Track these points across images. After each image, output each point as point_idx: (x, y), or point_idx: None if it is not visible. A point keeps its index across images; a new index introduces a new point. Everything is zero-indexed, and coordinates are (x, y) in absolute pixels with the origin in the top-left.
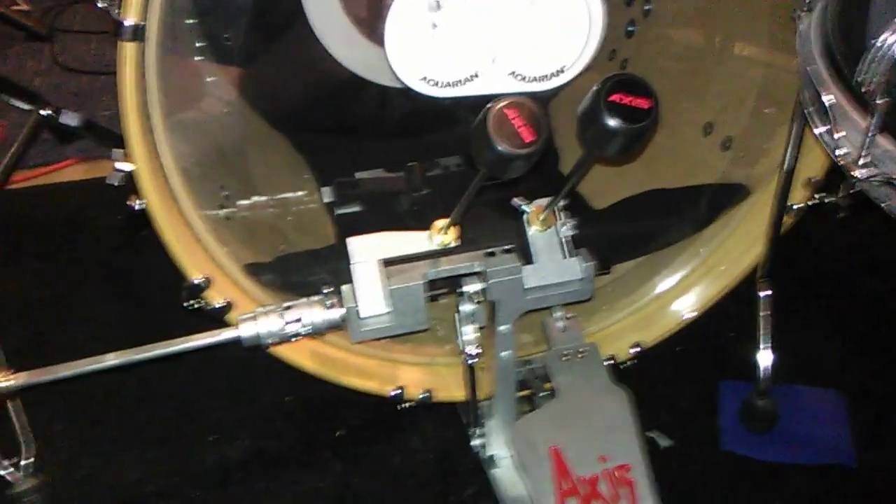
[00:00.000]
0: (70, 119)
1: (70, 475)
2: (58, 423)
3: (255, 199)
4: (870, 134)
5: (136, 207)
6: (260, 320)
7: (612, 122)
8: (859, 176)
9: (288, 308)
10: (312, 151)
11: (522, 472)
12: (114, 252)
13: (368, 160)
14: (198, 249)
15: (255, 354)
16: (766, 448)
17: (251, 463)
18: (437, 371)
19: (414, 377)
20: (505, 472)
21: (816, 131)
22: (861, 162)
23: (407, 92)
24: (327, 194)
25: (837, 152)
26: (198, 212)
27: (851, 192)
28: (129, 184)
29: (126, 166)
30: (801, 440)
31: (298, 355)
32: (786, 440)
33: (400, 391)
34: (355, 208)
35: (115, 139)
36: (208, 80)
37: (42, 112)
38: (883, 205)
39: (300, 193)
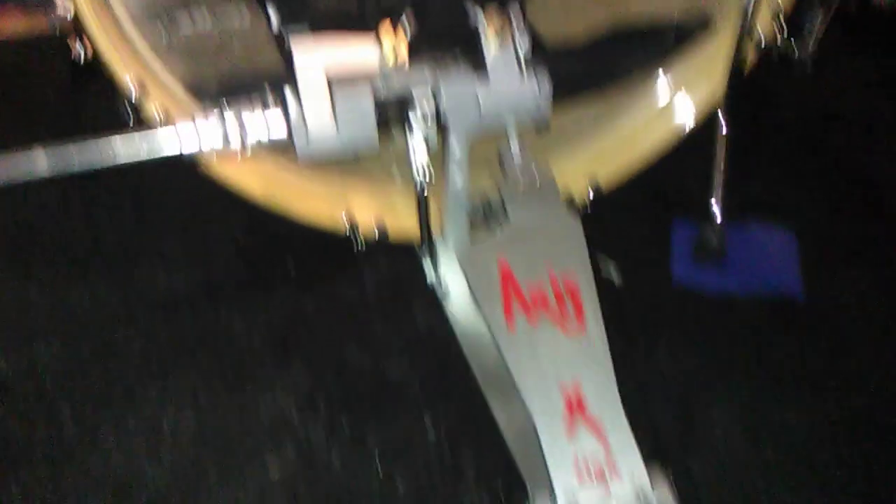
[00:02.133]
0: None
1: (17, 303)
2: (1, 258)
3: (197, 22)
4: None
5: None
6: (200, 125)
7: None
8: None
9: (228, 109)
10: None
11: (472, 289)
12: (56, 100)
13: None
14: (134, 60)
15: (202, 197)
16: (714, 280)
17: (200, 294)
18: (391, 207)
19: (368, 213)
20: (457, 300)
21: None
22: None
23: None
24: (273, 14)
25: None
26: (134, 24)
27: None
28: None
29: None
30: (750, 274)
31: (249, 190)
32: (735, 273)
33: (354, 227)
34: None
35: None
36: None
37: None
38: None
39: (244, 15)
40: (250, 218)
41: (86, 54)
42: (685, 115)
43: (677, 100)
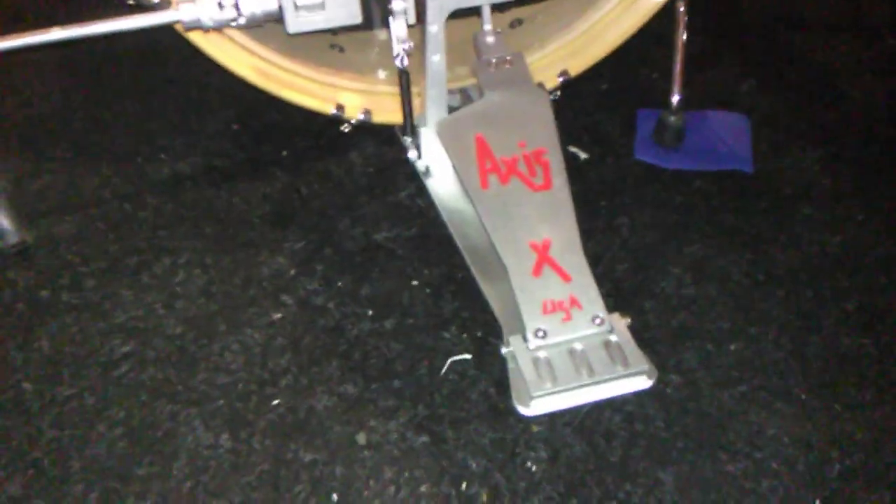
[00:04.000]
0: None
1: (27, 186)
2: (11, 147)
3: None
4: None
5: None
6: (198, 2)
7: None
8: None
9: None
10: None
11: (450, 157)
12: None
13: None
14: None
15: (199, 90)
16: (673, 158)
17: (202, 176)
18: (376, 95)
19: (354, 100)
20: (437, 178)
21: None
22: None
23: None
24: None
25: None
26: None
27: None
28: None
29: None
30: (705, 151)
31: (243, 70)
32: (692, 152)
33: (340, 110)
34: None
35: None
36: None
37: None
38: None
39: None
40: (245, 109)
41: None
42: (648, 5)
43: None
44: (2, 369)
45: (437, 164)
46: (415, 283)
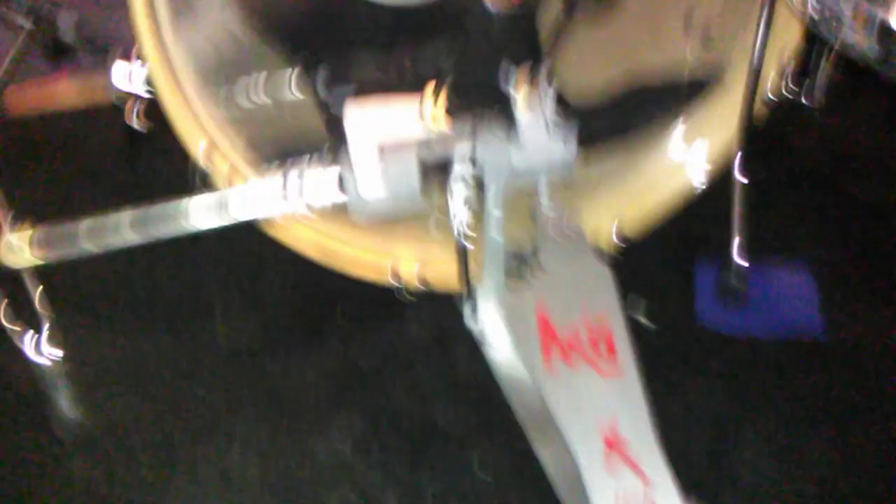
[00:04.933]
0: (66, 19)
1: (85, 355)
2: (72, 310)
3: (254, 97)
4: None
5: (145, 94)
6: (260, 189)
7: None
8: (815, 17)
9: (288, 175)
10: (305, 61)
11: (512, 338)
12: (116, 166)
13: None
14: (198, 129)
15: (259, 248)
16: (739, 324)
17: (258, 347)
18: (433, 263)
19: (412, 267)
20: (497, 346)
21: None
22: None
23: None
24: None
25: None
26: (203, 103)
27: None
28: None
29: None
30: (772, 316)
31: (303, 247)
32: (758, 316)
33: (399, 280)
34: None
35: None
36: None
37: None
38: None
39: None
40: (301, 272)
41: (142, 124)
42: (702, 164)
43: (694, 150)
44: None
45: (496, 333)
46: (476, 466)
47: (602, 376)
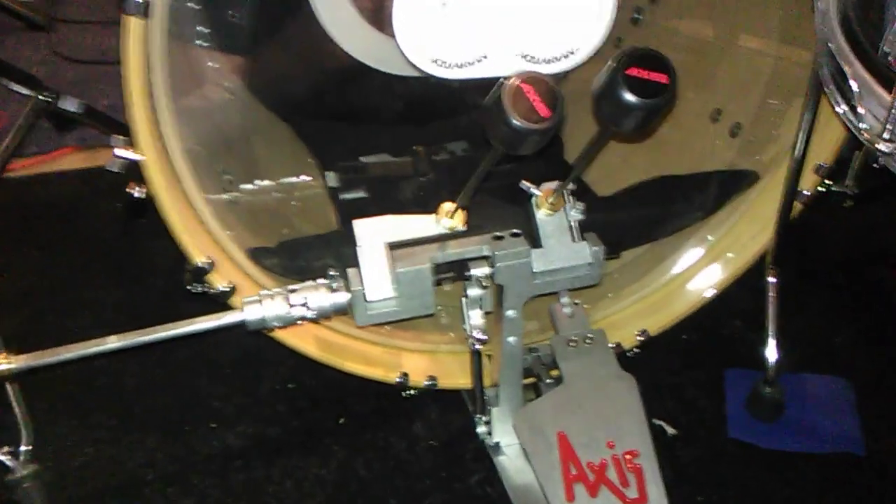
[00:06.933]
0: (70, 104)
1: (69, 461)
2: (58, 410)
3: (259, 183)
4: (894, 108)
5: (136, 195)
6: (265, 303)
7: (630, 97)
8: (885, 150)
9: (293, 291)
10: (316, 139)
11: (529, 458)
12: (114, 239)
13: (373, 147)
14: (201, 232)
15: (255, 340)
16: (773, 436)
17: (252, 450)
18: (441, 358)
19: (418, 364)
20: (511, 460)
21: (838, 109)
22: (886, 136)
23: (411, 79)
24: (332, 179)
25: (861, 126)
26: (201, 196)
27: (862, 175)
28: (128, 171)
29: (129, 154)
30: (808, 428)
31: (303, 341)
32: (793, 428)
33: (404, 378)
34: (359, 193)
35: (114, 125)
36: (211, 65)
37: (41, 97)
38: None
39: (304, 178)
40: (301, 370)
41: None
42: (732, 265)
43: (724, 250)
44: None
45: (509, 441)
46: None
47: None
